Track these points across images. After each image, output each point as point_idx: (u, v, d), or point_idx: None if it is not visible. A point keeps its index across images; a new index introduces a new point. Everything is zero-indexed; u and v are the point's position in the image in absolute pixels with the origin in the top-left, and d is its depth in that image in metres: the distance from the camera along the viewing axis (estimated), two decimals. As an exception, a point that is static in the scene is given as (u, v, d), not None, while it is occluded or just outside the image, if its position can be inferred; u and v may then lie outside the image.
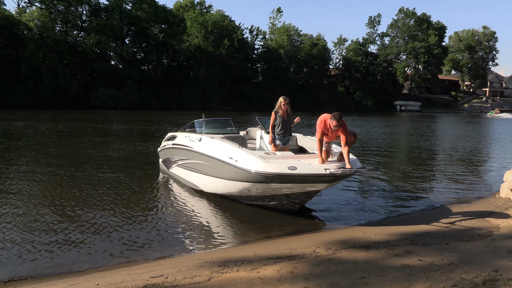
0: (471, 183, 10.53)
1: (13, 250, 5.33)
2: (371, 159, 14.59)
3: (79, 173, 10.69)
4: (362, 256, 4.78)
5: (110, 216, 6.94)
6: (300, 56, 75.38)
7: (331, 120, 6.24)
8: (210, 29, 62.73)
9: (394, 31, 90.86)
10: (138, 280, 4.05)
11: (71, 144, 16.97)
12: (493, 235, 5.59)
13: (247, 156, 6.63)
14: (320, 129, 6.41)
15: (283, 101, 7.67)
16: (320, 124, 6.45)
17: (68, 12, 58.96)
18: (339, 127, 6.27)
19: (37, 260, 5.08)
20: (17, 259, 5.08)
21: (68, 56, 56.67)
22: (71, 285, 4.05)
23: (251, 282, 3.92)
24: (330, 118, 6.29)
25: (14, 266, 4.90)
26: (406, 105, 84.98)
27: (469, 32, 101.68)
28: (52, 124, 27.01)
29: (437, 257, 4.62)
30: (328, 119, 6.37)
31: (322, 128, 6.41)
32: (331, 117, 6.25)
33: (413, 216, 7.42)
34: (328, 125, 6.37)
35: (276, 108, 7.76)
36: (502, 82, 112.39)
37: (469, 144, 20.98)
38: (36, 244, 5.58)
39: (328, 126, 6.38)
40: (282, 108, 7.71)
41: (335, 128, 6.27)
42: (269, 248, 5.28)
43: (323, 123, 6.42)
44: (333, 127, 6.27)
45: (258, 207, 7.44)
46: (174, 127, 17.68)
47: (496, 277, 3.90)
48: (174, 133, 10.32)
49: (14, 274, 4.67)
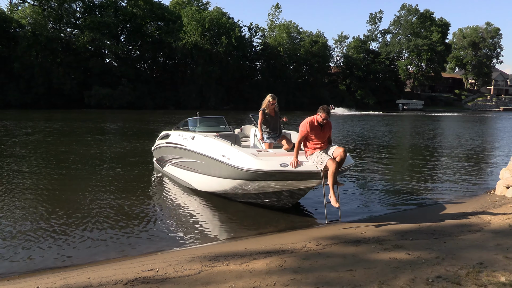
0: (467, 180, 10.59)
1: (5, 246, 5.39)
2: (366, 156, 14.70)
3: (72, 172, 10.71)
4: (351, 250, 4.85)
5: (103, 213, 6.98)
6: (300, 54, 74.47)
7: (320, 113, 6.09)
8: (208, 26, 62.20)
9: (397, 28, 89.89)
10: (129, 273, 4.13)
11: (64, 143, 16.94)
12: (483, 231, 5.67)
13: (239, 153, 6.68)
14: (303, 132, 6.19)
15: (271, 100, 7.62)
16: (305, 125, 6.20)
17: (61, 9, 58.30)
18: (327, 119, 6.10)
19: (29, 255, 5.13)
20: (9, 254, 5.14)
21: (62, 54, 56.18)
22: (63, 279, 4.11)
23: (240, 274, 4.00)
24: (318, 111, 6.15)
25: (6, 261, 4.95)
26: (409, 104, 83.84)
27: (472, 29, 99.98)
28: (46, 124, 26.92)
29: (425, 251, 4.70)
30: (314, 118, 6.21)
31: (307, 130, 6.17)
32: (319, 110, 6.11)
33: (406, 213, 7.49)
34: (316, 121, 6.20)
35: (263, 107, 7.71)
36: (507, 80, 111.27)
37: (470, 142, 21.03)
38: (28, 239, 5.64)
39: (316, 122, 6.20)
40: (270, 107, 7.69)
41: (323, 122, 6.11)
42: (260, 243, 5.35)
43: (308, 125, 6.18)
44: (322, 120, 6.10)
45: (251, 204, 7.50)
46: (169, 126, 17.71)
47: (481, 269, 4.00)
48: (168, 132, 10.35)
49: (6, 270, 4.72)
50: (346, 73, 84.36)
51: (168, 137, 9.95)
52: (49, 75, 53.05)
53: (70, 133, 21.48)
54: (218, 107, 60.15)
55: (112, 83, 55.95)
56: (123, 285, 3.81)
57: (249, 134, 9.71)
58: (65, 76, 54.01)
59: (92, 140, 18.29)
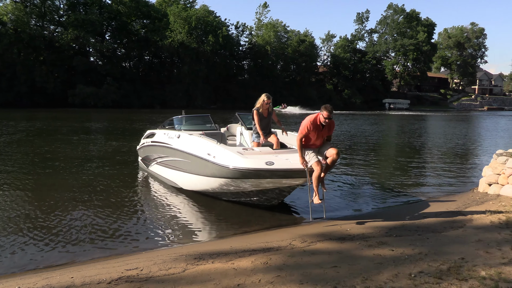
0: (452, 178, 10.76)
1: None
2: (351, 154, 14.83)
3: (56, 171, 10.55)
4: (336, 247, 4.90)
5: (88, 212, 6.90)
6: (287, 53, 74.61)
7: (322, 111, 5.92)
8: (194, 24, 61.86)
9: (383, 28, 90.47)
10: (113, 272, 4.09)
11: (48, 142, 16.66)
12: (465, 227, 5.77)
13: (225, 152, 6.66)
14: (304, 131, 6.03)
15: (266, 99, 7.53)
16: (306, 125, 6.01)
17: (44, 6, 56.99)
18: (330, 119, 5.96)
19: (11, 256, 5.04)
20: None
21: (45, 52, 55.08)
22: (45, 279, 4.05)
23: (225, 272, 4.00)
24: (321, 110, 5.96)
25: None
26: (395, 103, 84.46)
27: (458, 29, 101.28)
28: (28, 123, 26.42)
29: (409, 247, 4.77)
30: (317, 116, 6.00)
31: (309, 128, 6.00)
32: (322, 108, 5.93)
33: (391, 210, 7.57)
34: (318, 121, 6.01)
35: (257, 106, 7.64)
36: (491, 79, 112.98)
37: (454, 140, 21.34)
38: (10, 240, 5.53)
39: (318, 122, 6.01)
40: (264, 106, 7.62)
41: (325, 121, 5.94)
42: (245, 241, 5.36)
43: (310, 124, 5.99)
44: (324, 119, 5.90)
45: (237, 203, 7.49)
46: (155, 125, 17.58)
47: (462, 264, 4.08)
48: (153, 131, 10.26)
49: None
50: (333, 72, 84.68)
51: (154, 136, 9.86)
52: (32, 73, 51.98)
53: (54, 132, 21.12)
54: (205, 106, 59.86)
55: (96, 82, 55.15)
56: (106, 284, 3.77)
57: (235, 133, 9.69)
58: (48, 75, 53.01)
59: (77, 139, 18.02)
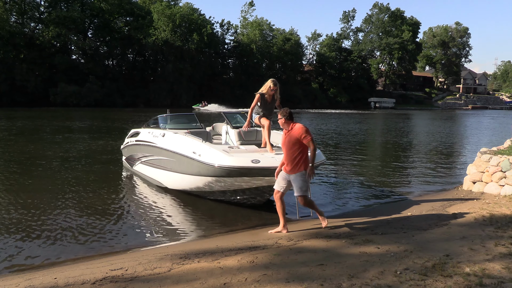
0: (436, 177, 10.91)
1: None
2: (337, 153, 14.92)
3: (39, 170, 10.35)
4: (323, 245, 4.90)
5: (71, 212, 6.78)
6: (272, 52, 74.58)
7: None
8: (178, 22, 61.36)
9: (368, 27, 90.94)
10: (97, 273, 4.02)
11: (30, 141, 16.34)
12: (450, 224, 5.85)
13: (210, 150, 6.61)
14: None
15: (272, 85, 7.02)
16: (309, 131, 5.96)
17: (24, 3, 55.96)
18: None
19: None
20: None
21: (25, 50, 53.97)
22: (27, 280, 3.96)
23: (211, 271, 3.97)
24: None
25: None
26: (381, 102, 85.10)
27: (442, 28, 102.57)
28: (8, 122, 25.84)
29: (394, 245, 4.80)
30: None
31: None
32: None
33: (377, 208, 7.64)
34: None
35: (263, 91, 7.12)
36: (475, 78, 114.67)
37: (439, 139, 21.65)
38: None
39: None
40: (269, 92, 7.09)
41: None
42: (232, 240, 5.33)
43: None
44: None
45: (223, 202, 7.45)
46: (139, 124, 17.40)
47: (446, 261, 4.13)
48: (137, 130, 10.13)
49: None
50: (319, 71, 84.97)
51: (138, 135, 9.74)
52: (12, 72, 50.86)
53: (36, 131, 20.73)
54: (190, 105, 59.54)
55: (79, 80, 54.33)
56: (91, 285, 3.70)
57: (221, 131, 9.63)
58: (28, 73, 51.94)
59: (59, 138, 17.69)
